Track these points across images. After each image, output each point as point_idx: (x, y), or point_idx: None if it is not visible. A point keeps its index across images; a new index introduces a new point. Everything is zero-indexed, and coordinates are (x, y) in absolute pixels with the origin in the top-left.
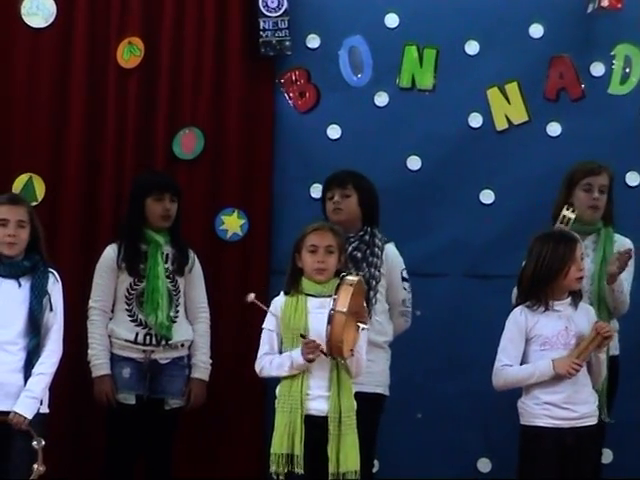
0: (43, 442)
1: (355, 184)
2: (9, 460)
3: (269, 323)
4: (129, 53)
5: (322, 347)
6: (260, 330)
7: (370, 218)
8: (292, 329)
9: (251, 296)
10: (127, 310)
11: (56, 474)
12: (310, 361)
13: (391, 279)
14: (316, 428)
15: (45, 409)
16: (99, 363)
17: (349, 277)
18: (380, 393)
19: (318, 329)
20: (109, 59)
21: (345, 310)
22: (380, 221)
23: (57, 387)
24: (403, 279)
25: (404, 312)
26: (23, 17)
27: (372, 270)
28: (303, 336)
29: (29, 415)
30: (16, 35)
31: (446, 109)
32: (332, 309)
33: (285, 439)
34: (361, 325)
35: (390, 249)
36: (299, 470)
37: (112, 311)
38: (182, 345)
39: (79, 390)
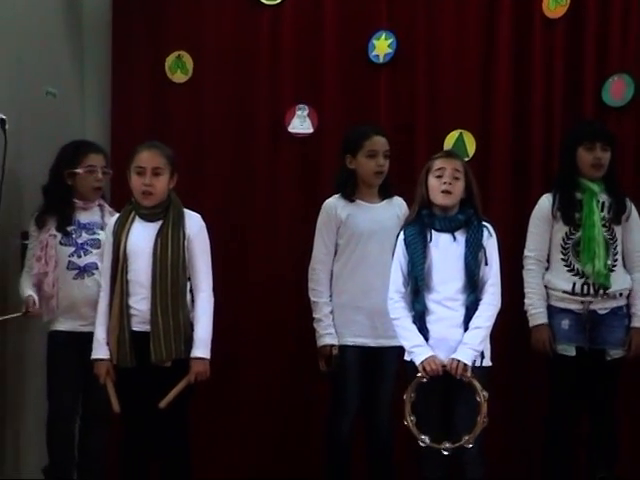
0: (487, 394)
1: None
2: (458, 414)
3: None
4: (555, 3)
5: None
6: None
7: None
8: None
9: None
10: (563, 260)
11: (496, 427)
12: None
13: None
14: None
15: (488, 362)
16: (536, 312)
17: None
18: None
19: None
20: (534, 10)
21: None
22: None
23: (497, 340)
24: None
25: None
26: None
27: None
28: None
29: (468, 361)
30: None
31: None
32: None
33: None
34: None
35: None
36: None
37: (548, 261)
38: (620, 294)
39: (518, 342)
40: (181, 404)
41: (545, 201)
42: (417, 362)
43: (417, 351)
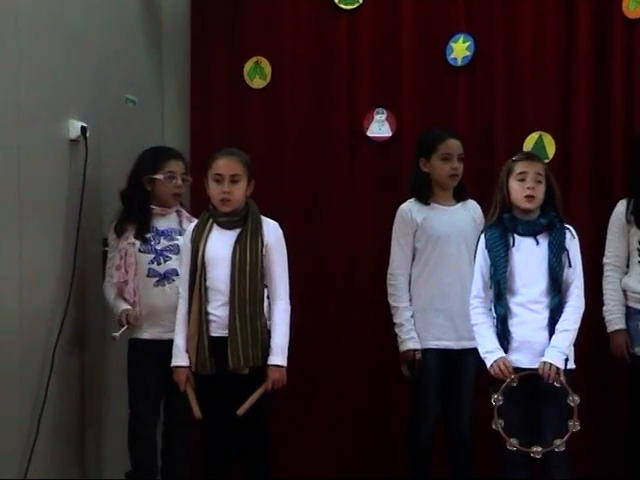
0: (578, 399)
1: None
2: (546, 417)
3: None
4: (635, 3)
5: None
6: None
7: None
8: None
9: None
10: None
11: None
12: None
13: None
14: None
15: (572, 365)
16: (613, 318)
17: None
18: None
19: None
20: (614, 10)
21: None
22: None
23: (580, 343)
24: None
25: None
26: None
27: None
28: None
29: (560, 365)
30: None
31: None
32: None
33: None
34: None
35: None
36: None
37: (627, 265)
38: None
39: (601, 345)
40: (261, 411)
41: (620, 207)
42: (488, 366)
43: (488, 357)
